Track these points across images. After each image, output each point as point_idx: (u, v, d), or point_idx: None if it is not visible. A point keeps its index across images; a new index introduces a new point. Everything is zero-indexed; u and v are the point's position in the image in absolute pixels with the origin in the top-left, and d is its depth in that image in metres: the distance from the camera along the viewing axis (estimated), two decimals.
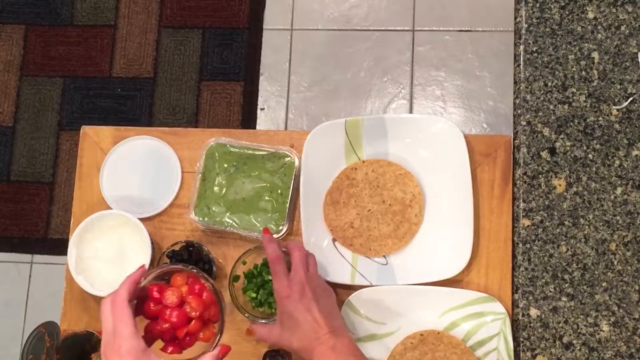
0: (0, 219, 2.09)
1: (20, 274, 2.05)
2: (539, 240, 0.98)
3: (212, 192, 1.10)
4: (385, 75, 2.05)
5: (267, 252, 0.97)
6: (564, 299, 0.96)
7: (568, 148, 0.99)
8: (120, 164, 1.14)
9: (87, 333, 1.00)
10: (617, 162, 0.98)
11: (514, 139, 1.02)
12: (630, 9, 1.01)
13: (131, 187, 1.13)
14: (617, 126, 0.98)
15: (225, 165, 1.11)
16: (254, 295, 1.03)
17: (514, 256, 0.99)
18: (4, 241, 2.07)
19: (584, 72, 1.00)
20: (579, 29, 1.01)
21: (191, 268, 0.89)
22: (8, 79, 2.17)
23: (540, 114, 1.00)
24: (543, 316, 0.96)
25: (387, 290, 1.03)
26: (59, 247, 2.01)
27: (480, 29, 2.05)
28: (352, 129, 1.09)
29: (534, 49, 1.02)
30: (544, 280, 0.97)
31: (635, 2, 1.01)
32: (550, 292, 0.96)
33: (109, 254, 1.07)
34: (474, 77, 2.02)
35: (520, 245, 0.98)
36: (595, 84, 1.00)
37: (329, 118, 1.71)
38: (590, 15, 1.01)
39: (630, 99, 0.99)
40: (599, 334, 0.95)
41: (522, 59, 1.02)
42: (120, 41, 2.16)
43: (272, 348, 1.04)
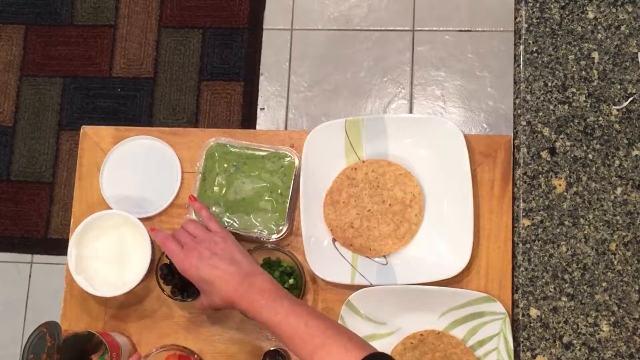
0: (0, 219, 2.09)
1: (20, 274, 2.05)
2: (539, 240, 0.97)
3: (212, 192, 1.10)
4: (385, 75, 2.05)
5: (156, 240, 1.01)
6: (564, 299, 0.96)
7: (568, 148, 0.99)
8: (120, 164, 1.14)
9: (88, 333, 1.00)
10: (617, 162, 0.98)
11: (514, 139, 1.02)
12: (630, 9, 1.01)
13: (131, 187, 1.13)
14: (617, 126, 0.98)
15: (225, 165, 1.11)
16: None
17: (514, 256, 0.99)
18: (4, 241, 2.07)
19: (584, 72, 1.00)
20: (579, 29, 1.01)
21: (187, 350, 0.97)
22: (8, 79, 2.17)
23: (540, 114, 1.00)
24: (543, 316, 0.96)
25: (387, 290, 1.03)
26: (59, 247, 2.01)
27: (480, 29, 2.04)
28: (352, 129, 1.09)
29: (534, 49, 1.02)
30: (544, 280, 0.97)
31: (635, 2, 1.01)
32: (550, 292, 0.96)
33: (109, 254, 1.07)
34: (474, 77, 2.02)
35: (520, 245, 0.98)
36: (595, 84, 1.00)
37: (329, 118, 1.70)
38: (590, 15, 1.01)
39: (630, 99, 0.98)
40: (599, 334, 0.95)
41: (522, 59, 1.02)
42: (120, 41, 2.16)
43: (271, 348, 1.04)
